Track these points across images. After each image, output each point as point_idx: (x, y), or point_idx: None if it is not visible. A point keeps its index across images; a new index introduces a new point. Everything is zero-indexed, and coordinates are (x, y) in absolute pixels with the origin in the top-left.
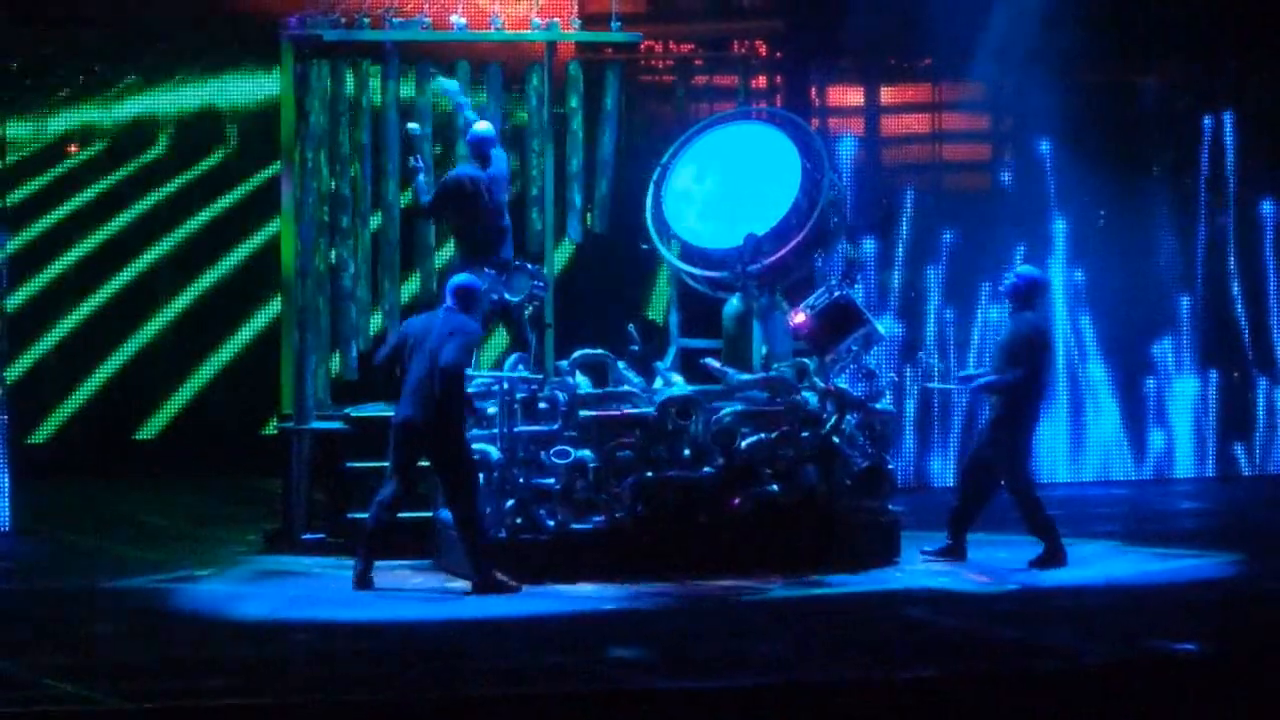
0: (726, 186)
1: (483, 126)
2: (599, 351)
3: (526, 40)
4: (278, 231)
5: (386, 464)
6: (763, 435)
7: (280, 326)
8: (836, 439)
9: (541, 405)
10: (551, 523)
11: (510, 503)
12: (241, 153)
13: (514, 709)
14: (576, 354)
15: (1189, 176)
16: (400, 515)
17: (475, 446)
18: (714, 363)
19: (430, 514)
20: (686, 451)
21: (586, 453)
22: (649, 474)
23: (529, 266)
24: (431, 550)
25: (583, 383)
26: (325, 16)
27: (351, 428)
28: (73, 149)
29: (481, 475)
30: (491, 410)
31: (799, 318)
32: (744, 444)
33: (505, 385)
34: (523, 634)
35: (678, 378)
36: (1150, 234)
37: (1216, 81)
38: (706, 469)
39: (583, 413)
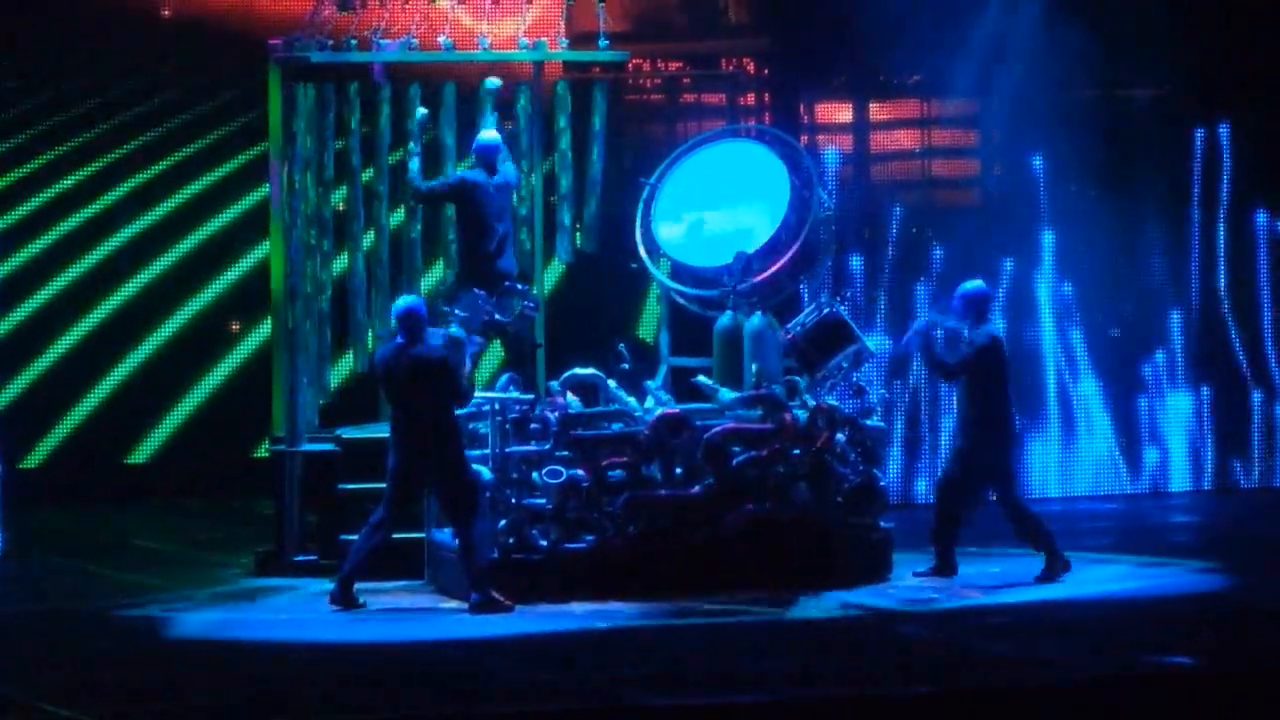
0: (716, 205)
1: (489, 135)
2: (590, 371)
3: (514, 60)
4: (267, 254)
5: (379, 485)
6: (754, 453)
7: (270, 348)
8: (828, 456)
9: (533, 425)
10: (544, 542)
11: (503, 523)
12: (230, 175)
13: None
14: (567, 374)
15: (1181, 190)
16: (394, 536)
17: None
18: (705, 381)
19: (422, 535)
20: (678, 470)
21: (578, 472)
22: (641, 493)
23: (519, 287)
24: (424, 570)
25: (574, 402)
26: (313, 39)
27: (343, 449)
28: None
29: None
30: (483, 431)
31: (789, 335)
32: (735, 462)
33: (497, 406)
34: (518, 653)
35: (668, 396)
36: (1142, 248)
37: (1207, 94)
38: (698, 487)
39: (574, 432)
